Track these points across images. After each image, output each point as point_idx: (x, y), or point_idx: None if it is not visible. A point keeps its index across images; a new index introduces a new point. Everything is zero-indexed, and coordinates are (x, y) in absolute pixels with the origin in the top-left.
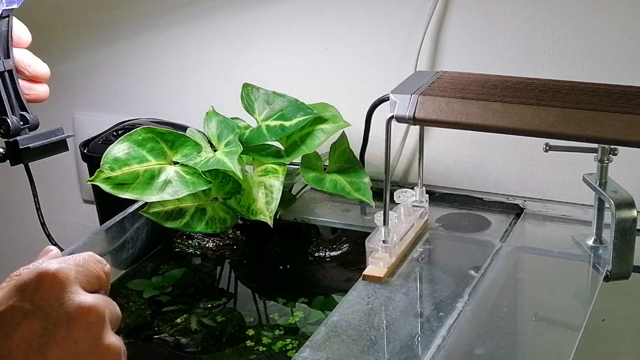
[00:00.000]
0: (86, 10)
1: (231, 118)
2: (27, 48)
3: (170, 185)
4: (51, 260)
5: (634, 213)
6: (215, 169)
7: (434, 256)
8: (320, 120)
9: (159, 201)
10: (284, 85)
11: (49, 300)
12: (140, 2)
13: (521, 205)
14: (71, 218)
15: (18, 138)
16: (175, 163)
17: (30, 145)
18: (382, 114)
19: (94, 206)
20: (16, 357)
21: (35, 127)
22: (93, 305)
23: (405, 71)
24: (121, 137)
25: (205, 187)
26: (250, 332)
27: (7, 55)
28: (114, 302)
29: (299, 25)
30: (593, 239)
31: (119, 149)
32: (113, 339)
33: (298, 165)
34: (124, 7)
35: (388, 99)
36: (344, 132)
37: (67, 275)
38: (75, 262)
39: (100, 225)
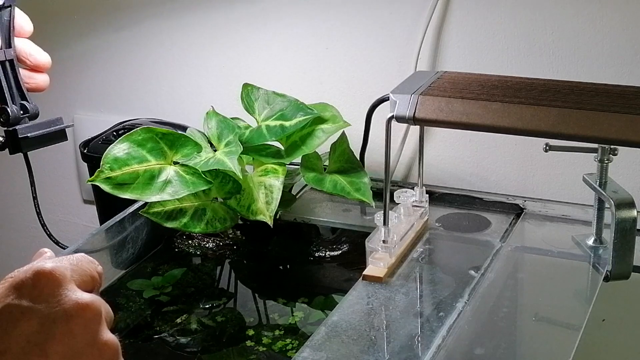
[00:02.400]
0: (86, 10)
1: (231, 118)
2: (29, 38)
3: (170, 185)
4: (46, 260)
5: (634, 213)
6: (215, 169)
7: (434, 256)
8: (320, 120)
9: (159, 201)
10: (284, 85)
11: (46, 297)
12: (140, 2)
13: (521, 205)
14: (71, 218)
15: (17, 127)
16: (175, 163)
17: (29, 134)
18: (382, 114)
19: (94, 206)
20: (16, 353)
21: (35, 116)
22: (90, 302)
23: (405, 71)
24: (121, 137)
25: (205, 187)
26: (250, 332)
27: (9, 44)
28: (106, 303)
29: (299, 26)
30: (593, 239)
31: (119, 149)
32: (110, 336)
33: (298, 165)
34: (124, 7)
35: (388, 99)
36: (344, 132)
37: (63, 273)
38: (70, 261)
39: (100, 225)
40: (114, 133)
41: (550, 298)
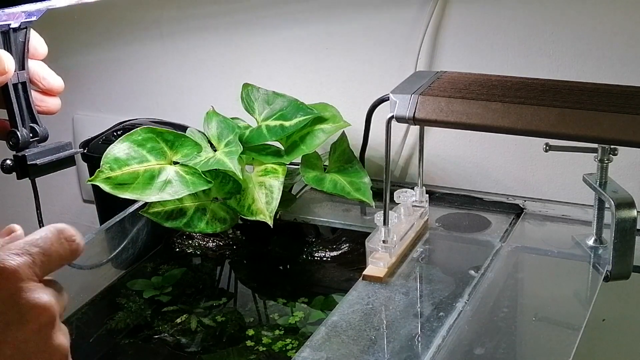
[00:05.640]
0: (86, 11)
1: (231, 118)
2: (43, 60)
3: (170, 185)
4: (11, 250)
5: (634, 213)
6: (215, 169)
7: (434, 256)
8: (320, 120)
9: (159, 201)
10: (284, 85)
11: (3, 297)
12: (140, 2)
13: (521, 205)
14: (71, 218)
15: (26, 153)
16: (175, 163)
17: (37, 161)
18: (382, 114)
19: (94, 206)
20: None
21: (44, 139)
22: (47, 306)
23: (405, 71)
24: (121, 137)
25: (205, 187)
26: (250, 332)
27: (23, 67)
28: (63, 288)
29: (299, 26)
30: (593, 239)
31: (119, 149)
32: (62, 340)
33: (298, 165)
34: (124, 8)
35: (388, 99)
36: (344, 132)
37: (24, 273)
38: (39, 249)
39: (100, 225)
40: (114, 133)
41: (550, 298)
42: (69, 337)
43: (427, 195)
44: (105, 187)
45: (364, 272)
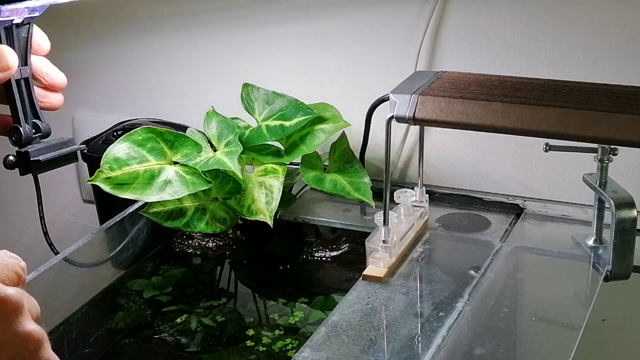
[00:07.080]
0: (86, 10)
1: (231, 118)
2: (46, 56)
3: (170, 185)
4: None
5: (634, 213)
6: (215, 169)
7: (434, 256)
8: (320, 120)
9: (159, 201)
10: (284, 85)
11: None
12: (141, 2)
13: (521, 205)
14: (71, 218)
15: (29, 149)
16: (175, 163)
17: (40, 157)
18: (382, 114)
19: (94, 206)
20: None
21: (47, 135)
22: (11, 295)
23: (405, 71)
24: (121, 137)
25: (205, 187)
26: (250, 332)
27: (25, 62)
28: (32, 297)
29: (299, 25)
30: (593, 239)
31: (119, 149)
32: (33, 327)
33: (298, 165)
34: (124, 7)
35: (388, 99)
36: (344, 132)
37: None
38: None
39: (100, 225)
40: (114, 133)
41: (550, 298)
42: (44, 332)
43: (427, 195)
44: (105, 187)
45: (364, 272)
